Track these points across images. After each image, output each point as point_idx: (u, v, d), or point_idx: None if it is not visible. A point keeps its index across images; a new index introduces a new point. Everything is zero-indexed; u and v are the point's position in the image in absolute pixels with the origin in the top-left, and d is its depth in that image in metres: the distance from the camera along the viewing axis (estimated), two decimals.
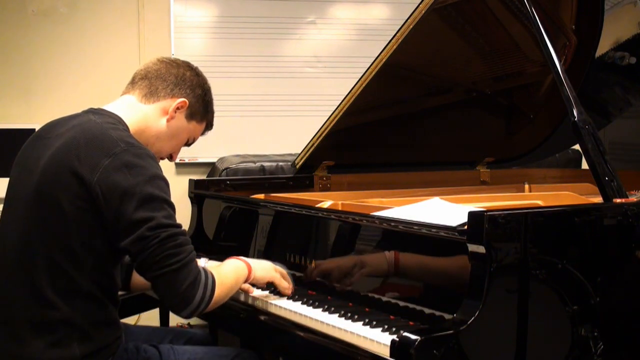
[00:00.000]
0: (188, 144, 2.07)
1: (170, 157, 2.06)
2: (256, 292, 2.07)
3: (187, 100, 1.97)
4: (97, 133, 1.78)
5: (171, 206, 1.77)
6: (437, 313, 1.72)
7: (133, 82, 1.98)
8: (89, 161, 1.73)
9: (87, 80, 4.16)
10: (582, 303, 1.67)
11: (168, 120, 1.96)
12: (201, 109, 2.02)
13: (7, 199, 1.88)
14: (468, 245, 1.59)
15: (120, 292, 1.93)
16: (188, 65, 2.02)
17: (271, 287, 2.07)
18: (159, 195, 1.73)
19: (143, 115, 1.94)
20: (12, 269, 1.80)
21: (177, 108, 1.96)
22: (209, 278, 1.77)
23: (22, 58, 4.17)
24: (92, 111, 1.90)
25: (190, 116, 2.00)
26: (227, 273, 1.92)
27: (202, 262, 2.14)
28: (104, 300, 1.80)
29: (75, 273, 1.75)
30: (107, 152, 1.73)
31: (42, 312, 1.74)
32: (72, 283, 1.75)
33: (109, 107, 1.93)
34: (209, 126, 2.09)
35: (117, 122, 1.86)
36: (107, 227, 1.73)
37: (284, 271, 2.05)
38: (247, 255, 2.41)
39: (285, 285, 2.01)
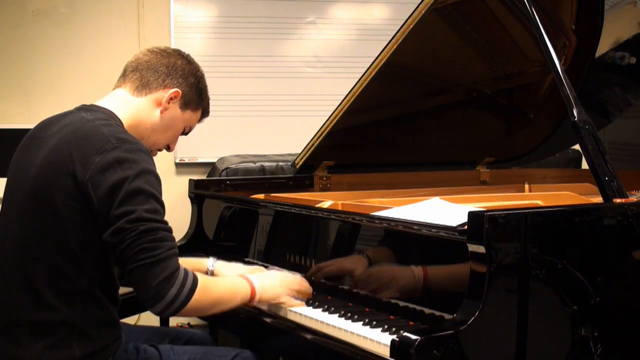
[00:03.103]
0: (185, 133, 2.04)
1: (168, 148, 2.03)
2: None
3: (179, 90, 1.93)
4: (88, 131, 1.76)
5: (158, 201, 1.73)
6: (437, 313, 1.72)
7: (124, 75, 1.96)
8: (81, 160, 1.72)
9: (87, 80, 4.15)
10: (582, 303, 1.67)
11: (162, 112, 1.93)
12: (195, 97, 1.98)
13: (5, 200, 1.87)
14: (468, 245, 1.59)
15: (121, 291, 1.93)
16: (179, 54, 1.99)
17: None
18: (146, 190, 1.70)
19: (136, 108, 1.91)
20: (10, 271, 1.79)
21: (170, 98, 1.93)
22: (189, 278, 1.73)
23: (22, 58, 4.17)
24: (84, 108, 1.88)
25: (185, 105, 1.97)
26: (218, 283, 1.89)
27: (210, 262, 2.13)
28: (103, 300, 1.79)
29: (73, 274, 1.74)
30: (99, 150, 1.72)
31: (41, 313, 1.74)
32: (71, 284, 1.75)
33: (101, 103, 1.91)
34: (205, 113, 2.05)
35: (109, 117, 1.84)
36: (101, 224, 1.71)
37: (296, 287, 1.97)
38: (247, 255, 2.42)
39: (297, 303, 1.94)
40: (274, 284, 1.96)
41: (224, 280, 1.95)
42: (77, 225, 1.73)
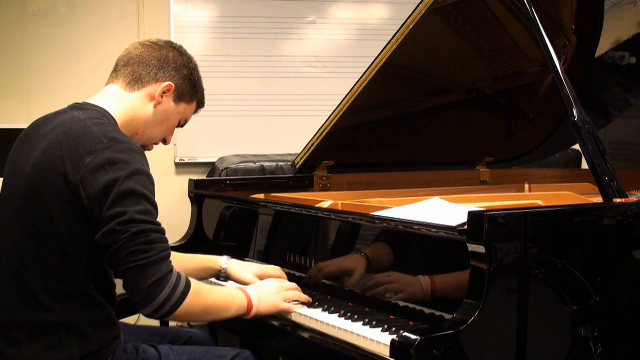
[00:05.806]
0: (181, 125, 2.02)
1: (165, 142, 2.01)
2: None
3: (172, 84, 1.91)
4: (80, 131, 1.75)
5: (150, 202, 1.71)
6: (437, 313, 1.72)
7: (116, 70, 1.94)
8: (73, 161, 1.70)
9: (87, 80, 4.15)
10: (582, 303, 1.67)
11: (155, 106, 1.91)
12: (189, 90, 1.96)
13: (1, 201, 1.86)
14: (468, 245, 1.59)
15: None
16: (171, 46, 1.96)
17: None
18: (138, 191, 1.68)
19: (129, 104, 1.89)
20: (4, 272, 1.78)
21: (164, 92, 1.91)
22: (182, 282, 1.71)
23: (22, 58, 4.17)
24: (76, 106, 1.86)
25: (179, 98, 1.94)
26: (213, 290, 1.85)
27: (224, 260, 2.12)
28: (100, 300, 1.78)
29: (68, 275, 1.73)
30: (90, 150, 1.70)
31: (38, 315, 1.73)
32: (66, 285, 1.74)
33: (94, 100, 1.89)
34: (200, 105, 2.03)
35: (102, 116, 1.82)
36: (93, 225, 1.70)
37: (291, 295, 1.94)
38: (247, 255, 2.41)
39: (298, 308, 1.92)
40: (272, 292, 1.93)
41: (220, 289, 1.92)
42: (69, 227, 1.72)
